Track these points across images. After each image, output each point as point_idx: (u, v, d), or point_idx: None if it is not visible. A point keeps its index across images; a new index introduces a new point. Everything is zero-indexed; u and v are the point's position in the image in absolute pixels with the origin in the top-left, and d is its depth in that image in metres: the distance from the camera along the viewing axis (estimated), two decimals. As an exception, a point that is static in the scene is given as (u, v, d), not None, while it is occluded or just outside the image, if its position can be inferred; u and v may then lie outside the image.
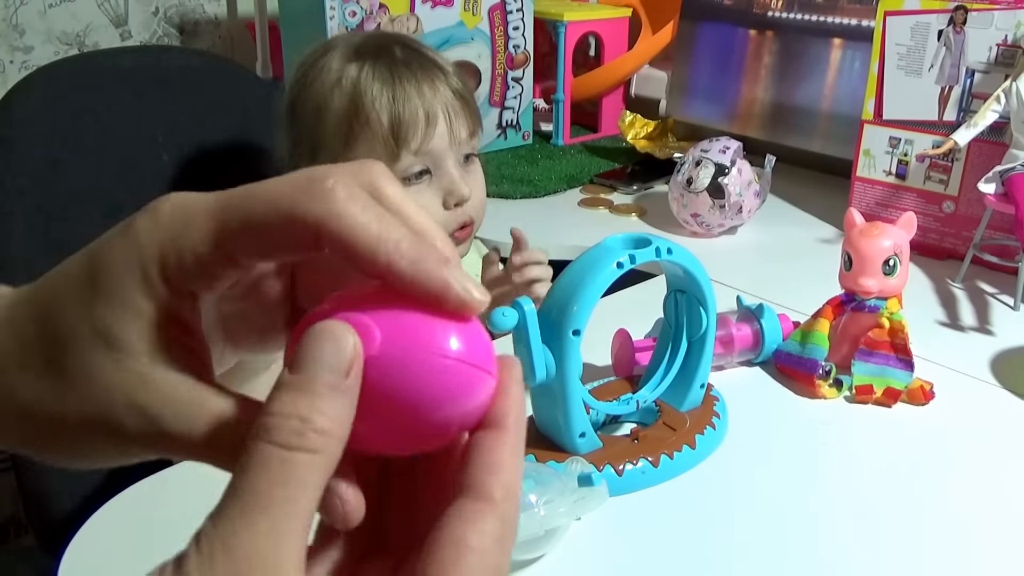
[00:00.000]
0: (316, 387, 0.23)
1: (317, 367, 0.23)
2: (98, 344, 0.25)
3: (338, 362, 0.23)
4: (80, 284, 0.26)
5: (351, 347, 0.23)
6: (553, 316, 0.63)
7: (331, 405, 0.23)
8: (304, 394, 0.22)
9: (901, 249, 0.77)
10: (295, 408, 0.22)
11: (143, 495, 0.68)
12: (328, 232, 0.24)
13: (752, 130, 1.41)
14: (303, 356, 0.23)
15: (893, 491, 0.68)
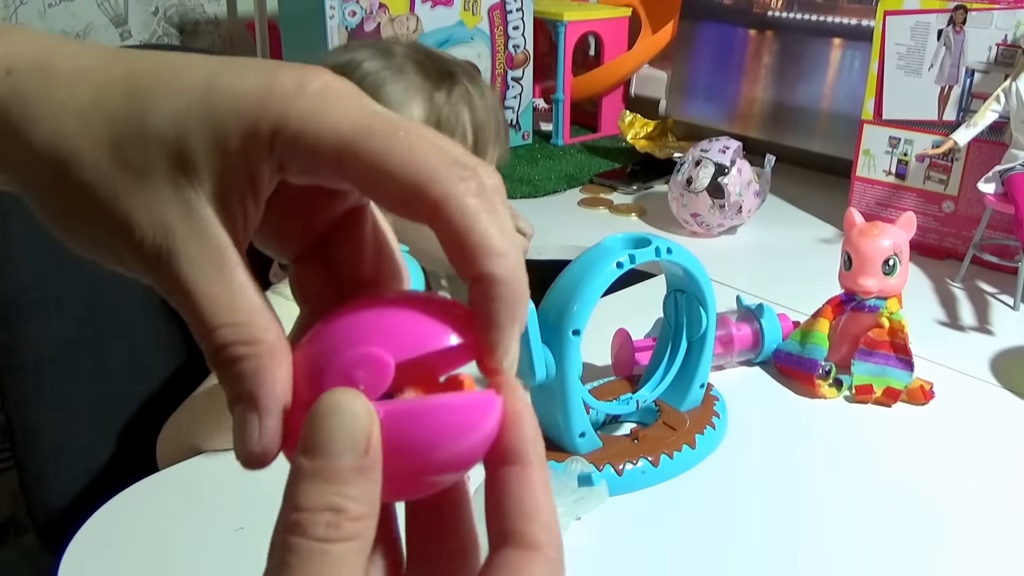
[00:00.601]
0: (340, 474, 0.22)
1: (336, 449, 0.22)
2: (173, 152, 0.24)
3: (355, 439, 0.22)
4: (191, 86, 0.24)
5: (365, 419, 0.22)
6: (553, 316, 0.64)
7: (359, 488, 0.22)
8: (330, 484, 0.22)
9: (901, 249, 0.77)
10: (324, 501, 0.22)
11: (143, 495, 0.68)
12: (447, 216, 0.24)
13: (752, 130, 1.41)
14: (318, 438, 0.22)
15: (893, 491, 0.68)
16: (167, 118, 0.24)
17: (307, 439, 0.22)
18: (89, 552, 0.62)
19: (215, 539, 0.63)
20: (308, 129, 0.24)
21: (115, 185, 0.24)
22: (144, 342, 1.02)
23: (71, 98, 0.25)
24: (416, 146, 0.24)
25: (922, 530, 0.64)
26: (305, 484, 0.22)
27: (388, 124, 0.24)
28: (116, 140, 0.24)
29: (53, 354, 0.95)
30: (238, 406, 0.24)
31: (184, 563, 0.61)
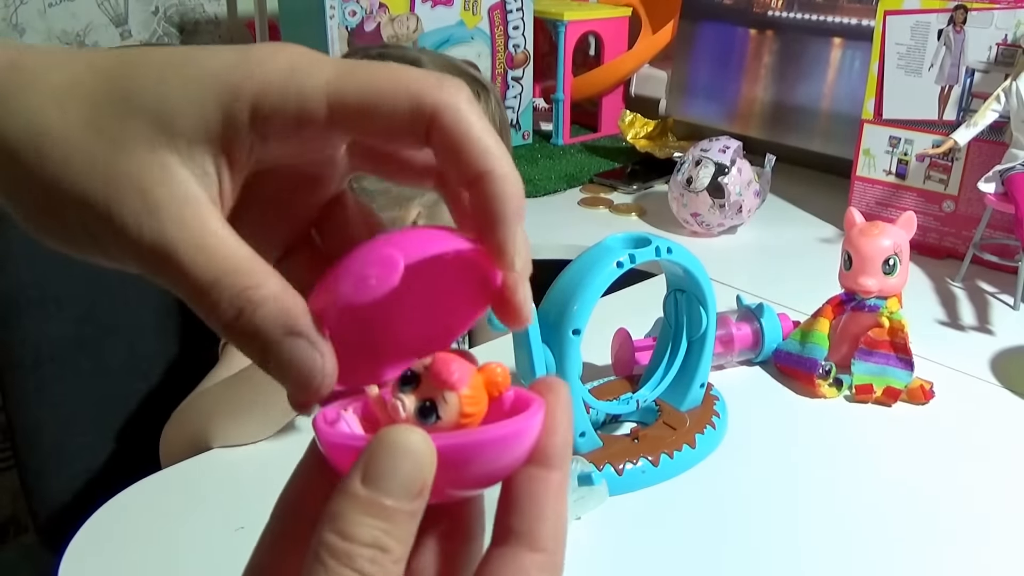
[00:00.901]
0: (393, 514, 0.22)
1: (394, 489, 0.22)
2: (149, 118, 0.24)
3: (414, 484, 0.22)
4: (167, 64, 0.25)
5: (428, 465, 0.22)
6: (553, 315, 0.64)
7: (406, 530, 0.22)
8: (381, 521, 0.22)
9: (901, 248, 0.77)
10: (371, 536, 0.22)
11: (143, 495, 0.68)
12: (441, 120, 0.24)
13: (752, 129, 1.41)
14: (379, 470, 0.22)
15: (893, 490, 0.68)
16: (143, 90, 0.24)
17: (368, 467, 0.22)
18: (89, 551, 0.62)
19: (215, 539, 0.63)
20: (292, 84, 0.24)
21: (92, 157, 0.24)
22: (144, 341, 1.02)
23: (44, 84, 0.25)
24: (398, 70, 0.25)
25: (922, 530, 0.64)
26: (357, 514, 0.22)
27: (365, 63, 0.25)
28: (92, 116, 0.24)
29: (53, 353, 0.95)
30: (283, 343, 0.24)
31: (184, 563, 0.61)
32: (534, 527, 0.25)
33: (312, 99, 0.24)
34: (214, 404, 0.77)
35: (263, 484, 0.65)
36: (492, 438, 0.24)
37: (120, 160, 0.24)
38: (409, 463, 0.22)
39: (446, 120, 0.24)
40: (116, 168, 0.24)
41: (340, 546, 0.22)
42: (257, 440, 0.73)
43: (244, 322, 0.24)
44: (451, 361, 0.25)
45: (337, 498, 0.22)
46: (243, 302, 0.24)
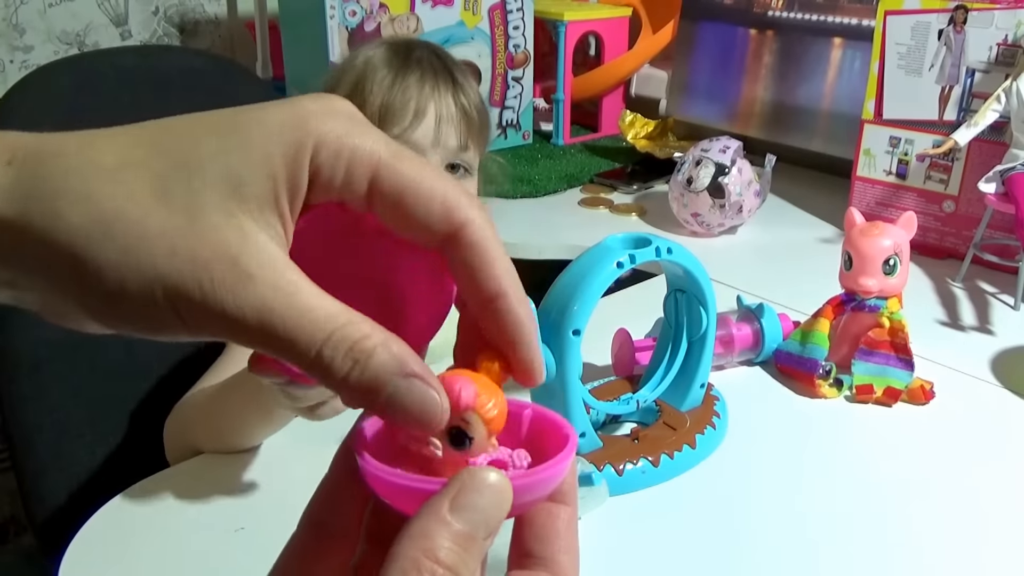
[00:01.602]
0: (474, 545, 0.24)
1: (479, 524, 0.24)
2: (218, 185, 0.24)
3: (496, 522, 0.24)
4: (219, 128, 0.25)
5: (507, 504, 0.24)
6: (553, 316, 0.63)
7: (478, 559, 0.24)
8: (463, 550, 0.23)
9: (901, 249, 0.77)
10: (453, 562, 0.23)
11: (143, 495, 0.68)
12: (468, 234, 0.26)
13: (752, 130, 1.41)
14: (473, 506, 0.24)
15: (893, 491, 0.68)
16: (207, 158, 0.24)
17: (457, 499, 0.24)
18: (90, 552, 0.62)
19: (215, 539, 0.63)
20: (347, 144, 0.25)
21: (170, 233, 0.23)
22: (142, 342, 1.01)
23: (93, 167, 0.24)
24: (439, 176, 0.26)
25: (923, 530, 0.63)
26: (445, 539, 0.23)
27: (412, 153, 0.26)
28: (159, 192, 0.24)
29: (50, 354, 0.95)
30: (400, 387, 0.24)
31: (184, 563, 0.61)
32: (558, 557, 0.27)
33: (362, 165, 0.25)
34: (202, 414, 0.77)
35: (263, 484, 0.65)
36: (547, 477, 0.26)
37: (200, 232, 0.23)
38: (494, 502, 0.24)
39: (474, 238, 0.26)
40: (199, 240, 0.23)
41: (425, 564, 0.23)
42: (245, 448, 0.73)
43: (358, 375, 0.24)
44: (451, 383, 0.26)
45: (429, 521, 0.23)
46: (357, 354, 0.24)
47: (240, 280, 0.23)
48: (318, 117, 0.25)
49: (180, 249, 0.23)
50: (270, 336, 0.24)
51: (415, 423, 0.25)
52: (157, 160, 0.24)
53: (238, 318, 0.24)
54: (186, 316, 0.24)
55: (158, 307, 0.24)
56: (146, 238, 0.23)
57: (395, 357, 0.24)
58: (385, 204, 0.26)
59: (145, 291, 0.23)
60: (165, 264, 0.23)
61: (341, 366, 0.24)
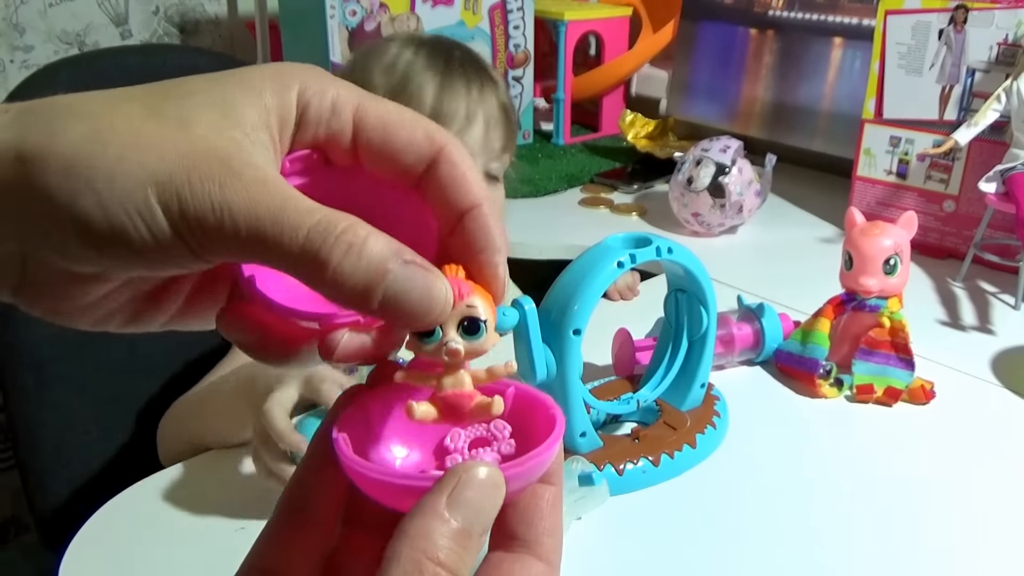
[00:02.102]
0: (473, 544, 0.24)
1: (476, 522, 0.24)
2: (207, 107, 0.25)
3: (492, 517, 0.24)
4: (211, 76, 0.26)
5: (502, 500, 0.24)
6: (554, 315, 0.63)
7: (475, 556, 0.24)
8: (464, 551, 0.24)
9: (902, 248, 0.77)
10: (454, 562, 0.23)
11: (143, 495, 0.68)
12: (448, 154, 0.27)
13: (753, 129, 1.41)
14: (472, 505, 0.24)
15: (894, 490, 0.68)
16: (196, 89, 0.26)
17: (460, 497, 0.24)
18: (90, 551, 0.62)
19: (215, 539, 0.63)
20: (331, 86, 0.27)
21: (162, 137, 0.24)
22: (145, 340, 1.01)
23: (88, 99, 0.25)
24: (415, 112, 0.28)
25: (923, 529, 0.64)
26: (447, 539, 0.23)
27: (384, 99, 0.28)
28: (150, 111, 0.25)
29: (54, 352, 0.95)
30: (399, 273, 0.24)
31: (185, 563, 0.61)
32: (542, 539, 0.27)
33: (343, 104, 0.27)
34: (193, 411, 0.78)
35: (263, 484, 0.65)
36: (539, 463, 0.25)
37: (191, 139, 0.24)
38: (488, 496, 0.24)
39: (454, 157, 0.27)
40: (190, 145, 0.24)
41: (428, 568, 0.23)
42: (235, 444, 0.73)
43: (354, 262, 0.23)
44: None
45: (427, 519, 0.23)
46: (351, 238, 0.24)
47: (228, 176, 0.24)
48: (301, 68, 0.27)
49: (170, 152, 0.24)
50: (256, 229, 0.23)
51: (421, 313, 0.24)
52: (150, 96, 0.25)
53: (225, 213, 0.23)
54: (177, 220, 0.24)
55: (150, 212, 0.23)
56: (138, 146, 0.24)
57: (390, 243, 0.24)
58: (371, 136, 0.27)
59: (137, 195, 0.23)
60: (156, 165, 0.23)
61: (332, 253, 0.23)
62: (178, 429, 0.81)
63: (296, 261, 0.24)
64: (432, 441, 0.28)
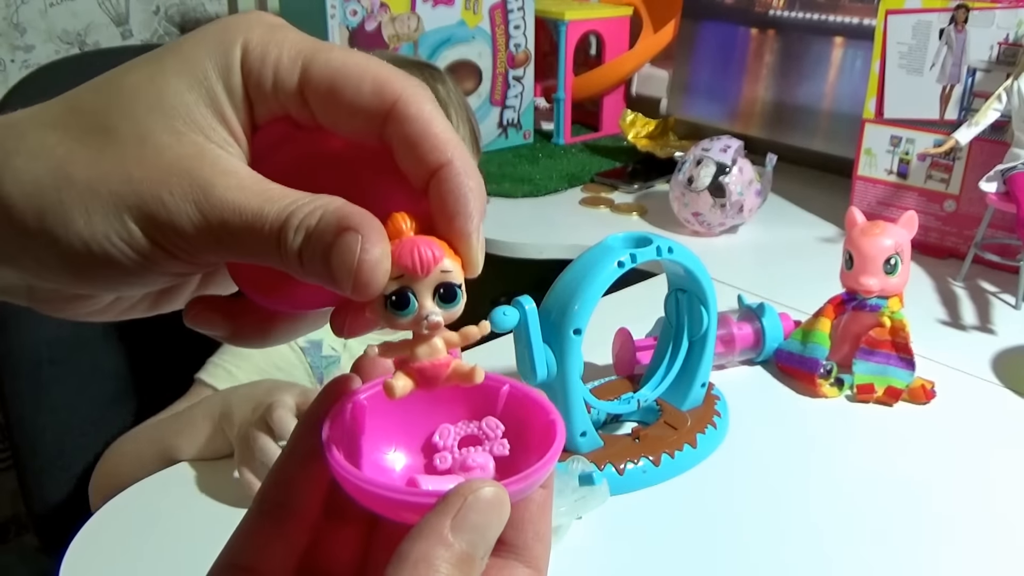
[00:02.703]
0: (476, 569, 0.23)
1: (480, 545, 0.23)
2: (159, 112, 0.24)
3: (495, 538, 0.23)
4: (149, 61, 0.25)
5: (505, 519, 0.24)
6: (554, 315, 0.63)
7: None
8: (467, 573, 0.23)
9: (902, 248, 0.77)
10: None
11: (143, 495, 0.68)
12: (402, 108, 0.24)
13: (753, 129, 1.41)
14: (477, 528, 0.23)
15: (894, 490, 0.68)
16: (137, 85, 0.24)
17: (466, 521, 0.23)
18: (90, 552, 0.62)
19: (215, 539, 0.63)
20: (272, 43, 0.25)
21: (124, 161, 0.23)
22: (142, 341, 1.01)
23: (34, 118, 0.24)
24: (368, 58, 0.25)
25: (924, 529, 0.63)
26: (449, 565, 0.23)
27: (340, 46, 0.26)
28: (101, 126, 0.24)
29: (52, 354, 0.95)
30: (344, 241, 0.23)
31: (184, 563, 0.61)
32: (530, 544, 0.26)
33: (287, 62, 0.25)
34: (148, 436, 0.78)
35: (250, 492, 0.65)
36: (543, 474, 0.25)
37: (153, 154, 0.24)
38: (492, 517, 0.23)
39: (409, 110, 0.24)
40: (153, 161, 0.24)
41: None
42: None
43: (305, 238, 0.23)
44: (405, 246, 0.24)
45: (433, 546, 0.22)
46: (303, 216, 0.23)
47: (200, 190, 0.23)
48: (240, 23, 0.25)
49: (136, 174, 0.23)
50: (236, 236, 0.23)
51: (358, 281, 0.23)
52: (95, 98, 0.24)
53: (203, 228, 0.23)
54: (158, 238, 0.23)
55: (130, 235, 0.23)
56: (104, 175, 0.23)
57: (337, 213, 0.23)
58: (318, 96, 0.25)
59: (116, 223, 0.23)
60: (126, 191, 0.23)
61: (294, 237, 0.23)
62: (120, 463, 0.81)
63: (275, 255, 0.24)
64: (420, 438, 0.27)
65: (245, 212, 0.23)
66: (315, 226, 0.23)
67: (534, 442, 0.26)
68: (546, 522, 0.27)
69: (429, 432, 0.27)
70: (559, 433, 0.26)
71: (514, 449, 0.27)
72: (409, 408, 0.27)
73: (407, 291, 0.24)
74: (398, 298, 0.24)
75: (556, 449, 0.25)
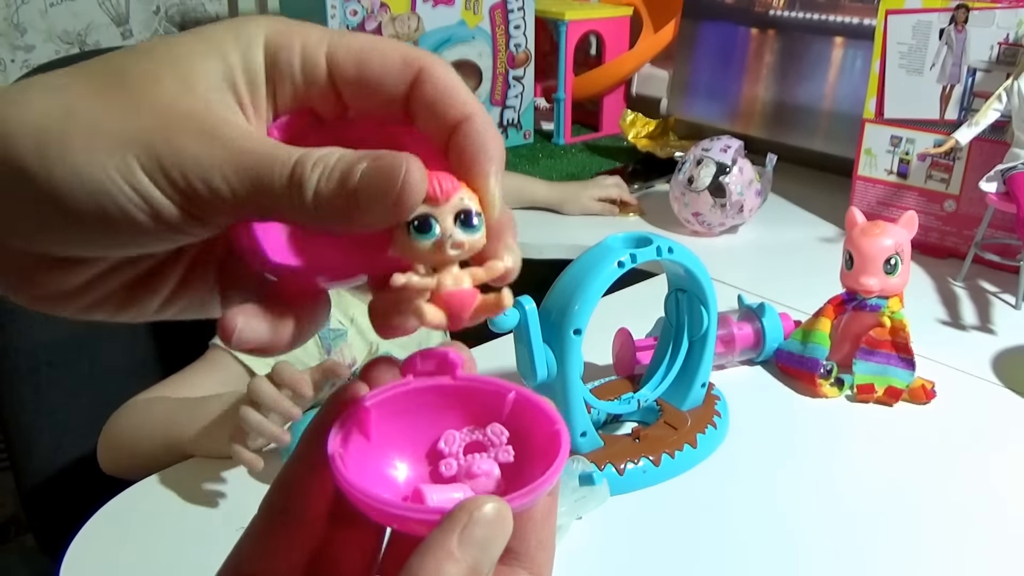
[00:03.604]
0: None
1: (488, 563, 0.23)
2: (172, 66, 0.24)
3: (499, 553, 0.23)
4: (170, 37, 0.25)
5: (508, 535, 0.24)
6: (554, 315, 0.63)
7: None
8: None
9: (902, 248, 0.77)
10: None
11: (143, 495, 0.68)
12: (428, 74, 0.26)
13: (753, 129, 1.41)
14: (481, 544, 0.23)
15: (894, 490, 0.68)
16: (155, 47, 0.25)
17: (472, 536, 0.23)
18: (91, 551, 0.62)
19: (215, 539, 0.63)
20: (297, 33, 0.26)
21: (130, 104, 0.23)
22: (141, 342, 1.01)
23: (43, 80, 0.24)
24: (391, 39, 0.27)
25: (924, 529, 0.63)
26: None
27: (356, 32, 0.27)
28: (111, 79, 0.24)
29: (49, 356, 0.95)
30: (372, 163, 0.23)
31: (184, 563, 0.61)
32: (533, 552, 0.26)
33: (312, 50, 0.26)
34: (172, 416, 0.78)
35: (263, 484, 0.65)
36: (548, 487, 0.24)
37: (160, 100, 0.23)
38: (499, 534, 0.23)
39: (435, 73, 0.26)
40: (162, 107, 0.23)
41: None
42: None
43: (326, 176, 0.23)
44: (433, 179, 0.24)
45: (441, 562, 0.22)
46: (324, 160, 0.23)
47: (206, 135, 0.23)
48: (264, 20, 0.26)
49: (145, 113, 0.23)
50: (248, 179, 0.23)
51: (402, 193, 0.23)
52: (112, 61, 0.24)
53: (215, 170, 0.23)
54: (162, 181, 0.23)
55: (133, 175, 0.23)
56: (110, 111, 0.23)
57: (358, 152, 0.24)
58: (345, 72, 0.26)
59: (116, 159, 0.23)
60: (132, 126, 0.23)
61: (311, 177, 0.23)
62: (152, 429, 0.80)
63: (285, 198, 0.23)
64: (425, 444, 0.28)
65: (255, 153, 0.23)
66: (334, 163, 0.24)
67: (538, 450, 0.26)
68: (550, 529, 0.27)
69: (435, 438, 0.27)
70: (563, 444, 0.25)
71: (519, 456, 0.27)
72: (416, 414, 0.27)
73: (429, 216, 0.24)
74: (420, 223, 0.24)
75: (560, 461, 0.25)
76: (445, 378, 0.27)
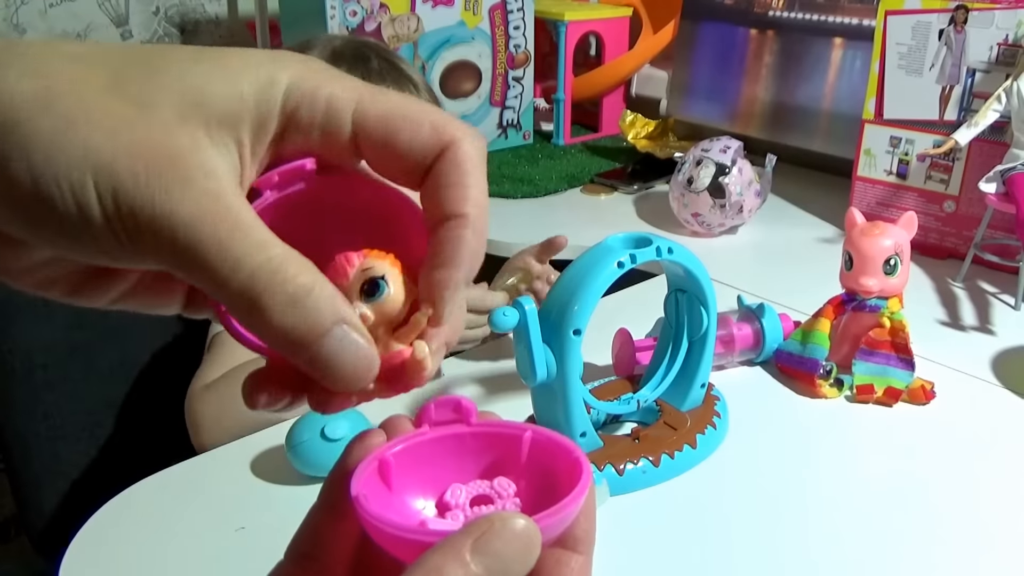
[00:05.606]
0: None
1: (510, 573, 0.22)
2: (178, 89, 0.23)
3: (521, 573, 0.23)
4: (196, 51, 0.24)
5: (533, 561, 0.23)
6: (554, 315, 0.63)
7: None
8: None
9: (902, 248, 0.77)
10: None
11: (143, 495, 0.68)
12: (453, 152, 0.25)
13: (753, 129, 1.41)
14: (499, 557, 0.22)
15: (894, 491, 0.68)
16: (170, 61, 0.23)
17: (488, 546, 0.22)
18: (90, 552, 0.62)
19: (215, 539, 0.63)
20: (325, 83, 0.24)
21: (114, 119, 0.22)
22: (136, 345, 1.01)
23: (52, 48, 0.23)
24: (424, 103, 0.25)
25: (923, 529, 0.63)
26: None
27: (387, 90, 0.26)
28: (113, 78, 0.22)
29: (45, 360, 0.95)
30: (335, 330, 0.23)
31: (184, 563, 0.61)
32: (592, 540, 0.25)
33: (341, 103, 0.25)
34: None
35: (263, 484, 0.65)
36: (570, 512, 0.24)
37: (147, 125, 0.22)
38: (520, 553, 0.22)
39: (458, 154, 0.25)
40: (144, 132, 0.22)
41: None
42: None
43: (294, 314, 0.22)
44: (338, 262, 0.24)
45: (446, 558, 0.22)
46: (294, 288, 0.22)
47: (177, 179, 0.22)
48: (293, 61, 0.25)
49: (121, 135, 0.22)
50: (195, 249, 0.22)
51: (350, 381, 0.23)
52: (121, 56, 0.23)
53: (165, 220, 0.21)
54: (111, 210, 0.21)
55: (84, 194, 0.21)
56: (88, 121, 0.21)
57: (334, 301, 0.23)
58: (372, 135, 0.25)
59: (73, 174, 0.21)
60: (103, 146, 0.21)
61: (274, 302, 0.22)
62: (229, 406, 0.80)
63: (232, 298, 0.22)
64: (436, 494, 0.27)
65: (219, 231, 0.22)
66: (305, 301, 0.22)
67: (562, 482, 0.25)
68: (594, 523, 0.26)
69: (442, 490, 0.27)
70: (585, 469, 0.25)
71: (543, 492, 0.26)
72: (435, 463, 0.27)
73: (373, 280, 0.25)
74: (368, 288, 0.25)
75: (583, 485, 0.24)
76: (461, 425, 0.27)
